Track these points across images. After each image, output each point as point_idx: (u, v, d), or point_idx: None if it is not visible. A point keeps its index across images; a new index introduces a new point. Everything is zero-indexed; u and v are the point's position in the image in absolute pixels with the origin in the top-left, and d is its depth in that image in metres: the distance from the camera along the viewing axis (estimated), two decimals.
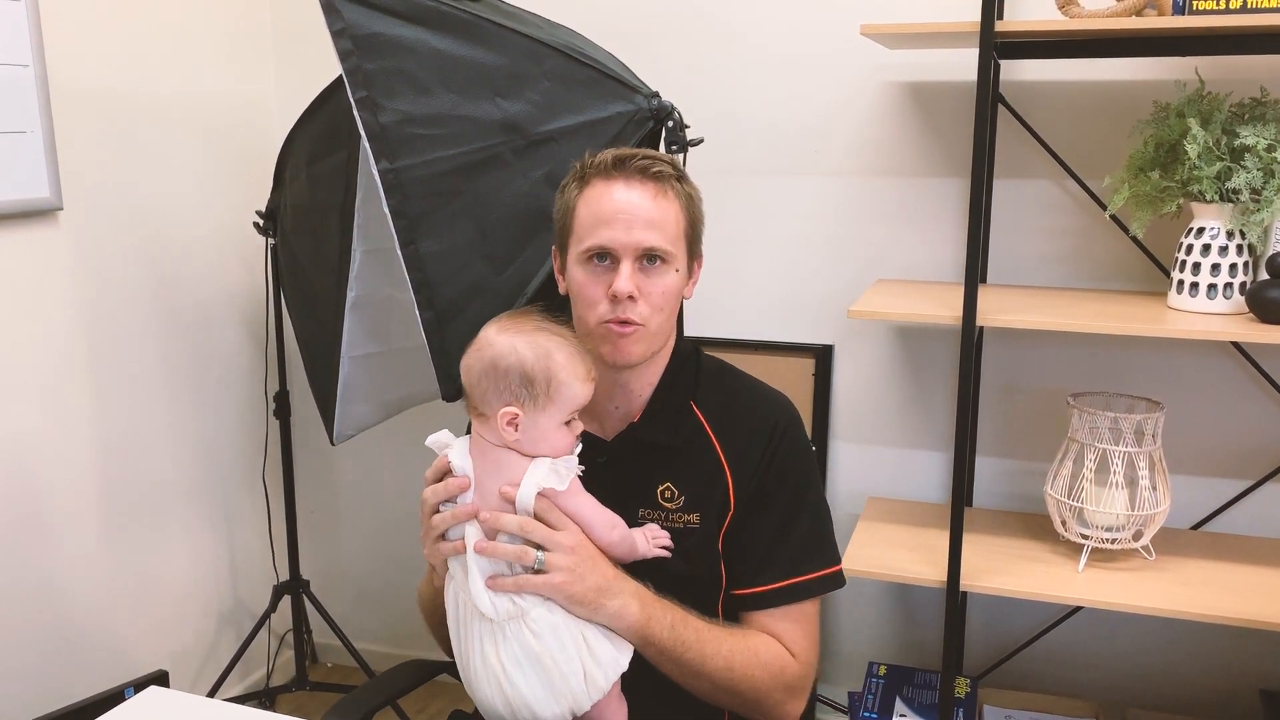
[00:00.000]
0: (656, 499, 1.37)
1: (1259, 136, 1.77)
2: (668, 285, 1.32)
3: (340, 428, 2.18)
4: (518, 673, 1.21)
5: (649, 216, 1.29)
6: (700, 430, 1.39)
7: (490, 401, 1.24)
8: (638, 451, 1.38)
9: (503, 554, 1.22)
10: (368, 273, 2.02)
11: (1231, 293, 1.83)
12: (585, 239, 1.31)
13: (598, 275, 1.31)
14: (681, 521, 1.36)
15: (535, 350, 1.23)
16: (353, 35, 1.59)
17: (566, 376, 1.23)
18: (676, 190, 1.33)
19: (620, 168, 1.31)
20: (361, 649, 2.59)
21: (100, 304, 2.19)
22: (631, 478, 1.38)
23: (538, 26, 1.77)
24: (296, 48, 2.62)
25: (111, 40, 2.18)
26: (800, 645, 1.38)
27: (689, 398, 1.41)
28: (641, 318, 1.30)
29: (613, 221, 1.29)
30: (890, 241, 2.26)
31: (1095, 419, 1.92)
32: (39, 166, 2.00)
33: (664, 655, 1.29)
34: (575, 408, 1.26)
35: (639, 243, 1.29)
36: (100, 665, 2.25)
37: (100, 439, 2.22)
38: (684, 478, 1.37)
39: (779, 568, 1.37)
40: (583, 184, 1.33)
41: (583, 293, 1.32)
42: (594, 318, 1.31)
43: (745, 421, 1.40)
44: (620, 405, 1.40)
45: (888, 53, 2.17)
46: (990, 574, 1.93)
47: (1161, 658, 2.25)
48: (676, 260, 1.32)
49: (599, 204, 1.31)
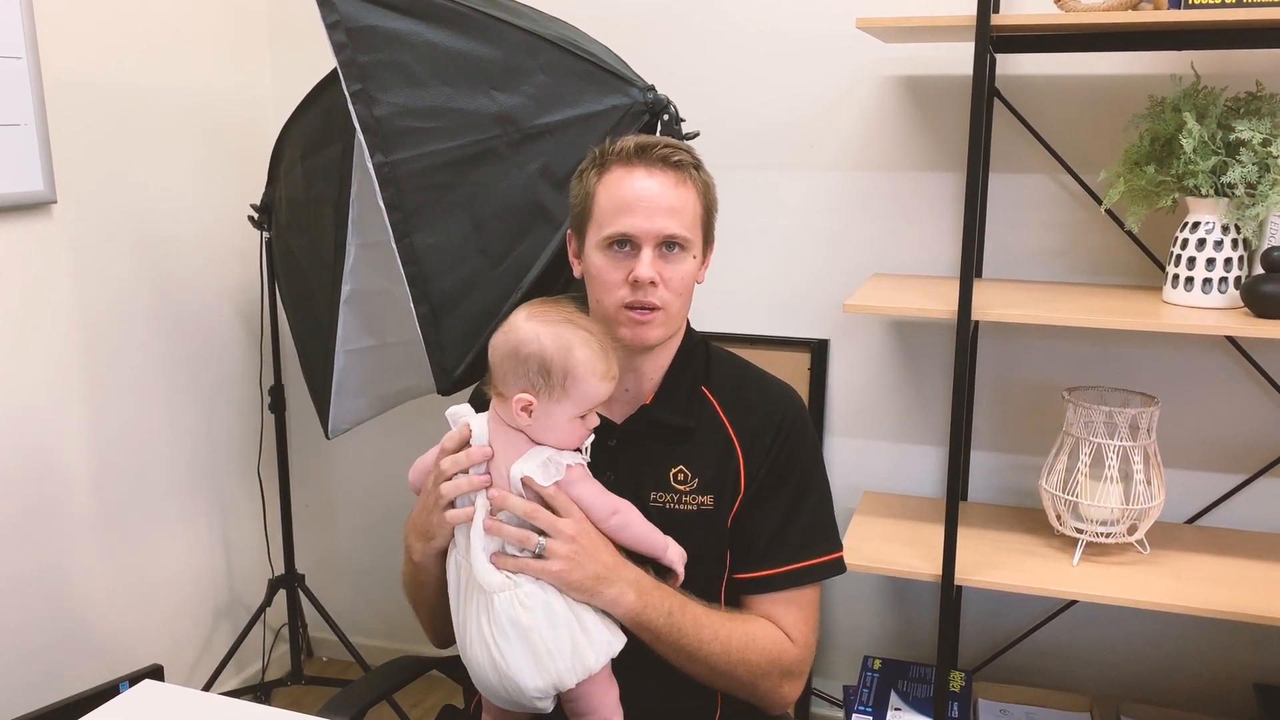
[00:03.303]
0: (669, 481, 1.38)
1: (1254, 131, 1.77)
2: (686, 271, 1.35)
3: (335, 421, 2.18)
4: (505, 643, 1.24)
5: (669, 204, 1.32)
6: (713, 413, 1.41)
7: (509, 384, 1.27)
8: (649, 434, 1.40)
9: (507, 535, 1.25)
10: (363, 266, 2.01)
11: (1226, 287, 1.83)
12: (606, 225, 1.33)
13: (618, 261, 1.33)
14: (695, 504, 1.38)
15: (557, 342, 1.25)
16: (347, 28, 1.58)
17: (584, 372, 1.25)
18: (694, 178, 1.36)
19: (642, 155, 1.33)
20: (357, 643, 2.59)
21: (94, 297, 2.19)
22: (643, 460, 1.39)
23: (533, 19, 1.77)
24: (291, 41, 2.61)
25: (105, 32, 2.18)
26: (799, 630, 1.40)
27: (701, 383, 1.43)
28: (662, 302, 1.33)
29: (634, 209, 1.31)
30: (886, 236, 2.26)
31: (1090, 413, 1.92)
32: (32, 159, 2.00)
33: (660, 641, 1.31)
34: (590, 404, 1.28)
35: (660, 230, 1.31)
36: (95, 659, 2.25)
37: (95, 433, 2.21)
38: (697, 460, 1.39)
39: (783, 553, 1.40)
40: (603, 170, 1.35)
41: (602, 277, 1.34)
42: (613, 302, 1.33)
43: (757, 407, 1.42)
44: (631, 387, 1.41)
45: (884, 46, 2.17)
46: (985, 568, 1.93)
47: (1156, 651, 2.25)
48: (694, 247, 1.35)
49: (620, 190, 1.32)
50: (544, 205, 1.70)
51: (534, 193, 1.69)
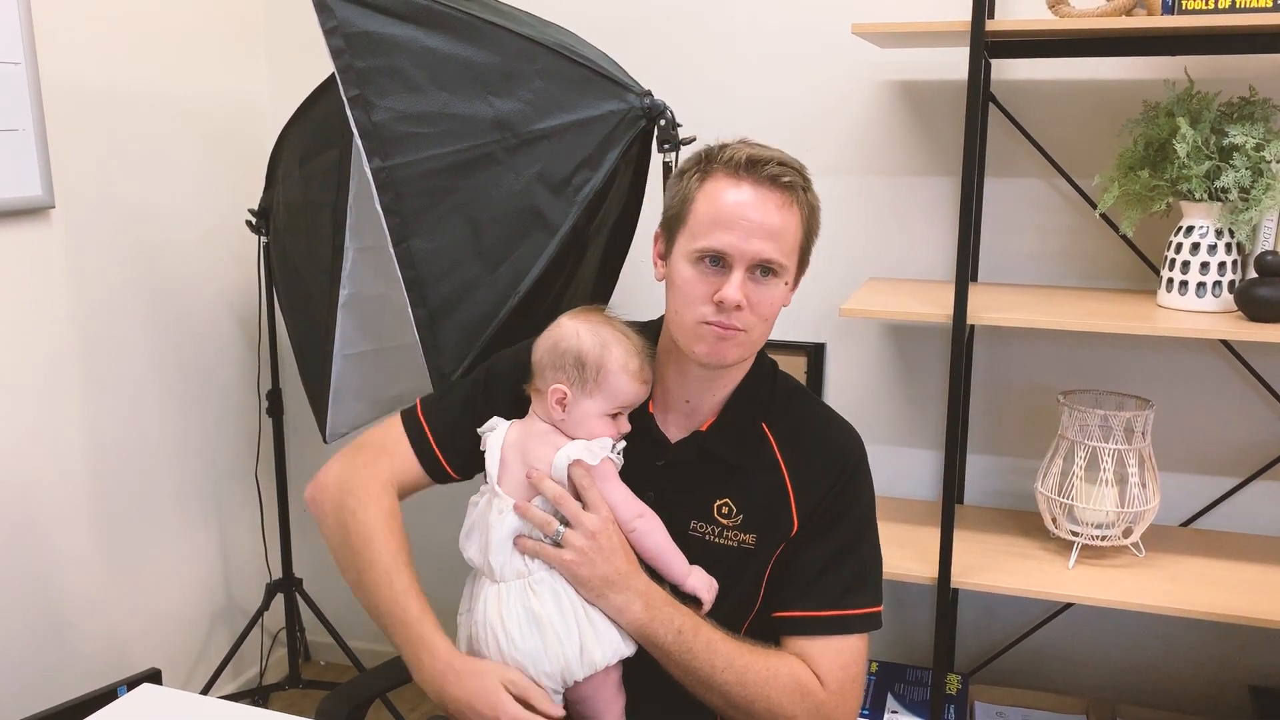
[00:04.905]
0: (713, 513, 1.34)
1: (1247, 135, 1.78)
2: (775, 297, 1.28)
3: (333, 426, 2.18)
4: (516, 629, 1.26)
5: (771, 228, 1.24)
6: (769, 452, 1.36)
7: (547, 378, 1.33)
8: (701, 461, 1.35)
9: (532, 517, 1.28)
10: (360, 271, 2.02)
11: (1220, 291, 1.84)
12: (700, 238, 1.25)
13: (706, 276, 1.25)
14: (735, 540, 1.33)
15: (595, 338, 1.31)
16: (345, 33, 1.59)
17: (616, 368, 1.30)
18: (801, 201, 1.28)
19: (751, 170, 1.25)
20: (354, 647, 2.59)
21: (92, 302, 2.19)
22: (688, 487, 1.35)
23: (530, 25, 1.77)
24: (289, 45, 2.61)
25: (103, 38, 2.18)
26: (834, 676, 1.31)
27: (761, 419, 1.37)
28: (745, 326, 1.26)
29: (733, 226, 1.23)
30: (881, 240, 2.27)
31: (1085, 416, 1.93)
32: (31, 164, 2.00)
33: (669, 659, 1.27)
34: (622, 403, 1.32)
35: (756, 253, 1.24)
36: (93, 663, 2.25)
37: (92, 437, 2.22)
38: (745, 497, 1.34)
39: (825, 597, 1.33)
40: (705, 175, 1.27)
41: (687, 289, 1.27)
42: (694, 316, 1.26)
43: (817, 451, 1.37)
44: (691, 400, 1.36)
45: (879, 52, 2.18)
46: (981, 571, 1.93)
47: (1151, 654, 2.26)
48: (787, 273, 1.28)
49: (720, 203, 1.25)
50: (541, 210, 1.70)
51: (531, 198, 1.69)
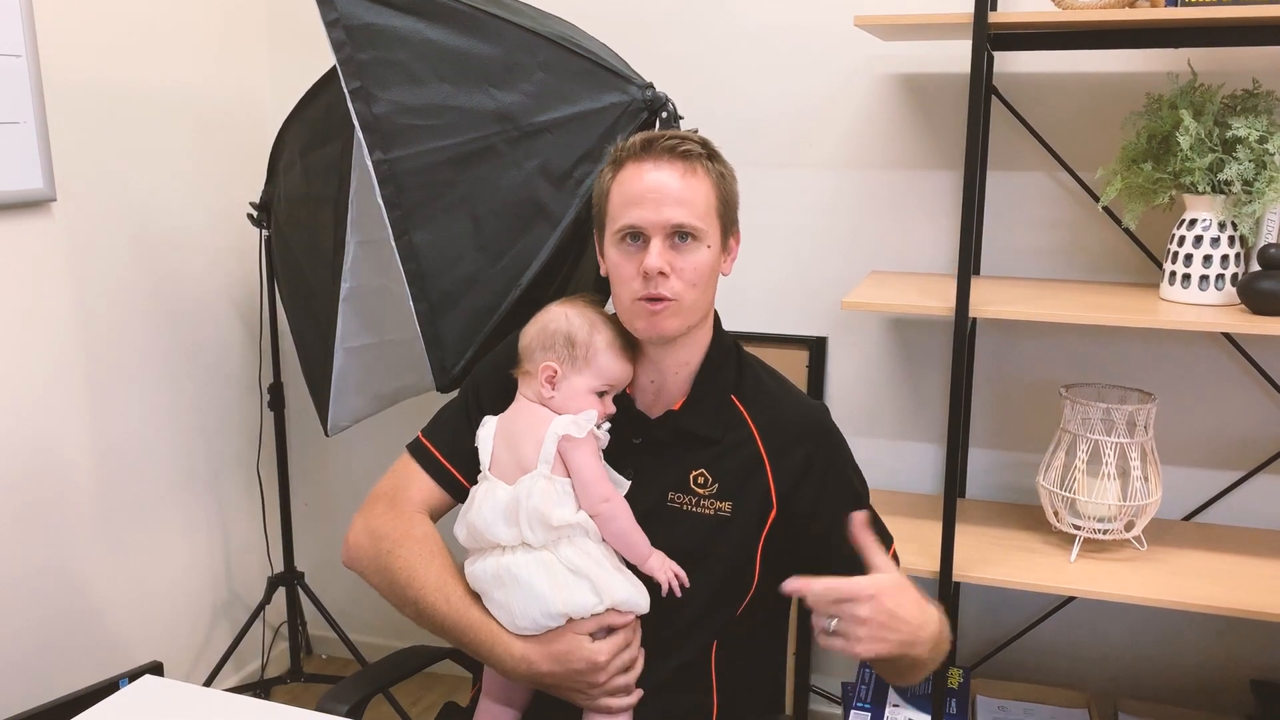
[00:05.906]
0: (689, 483, 1.39)
1: (1251, 128, 1.78)
2: (699, 262, 1.33)
3: (334, 419, 2.18)
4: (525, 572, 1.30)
5: (678, 194, 1.32)
6: (742, 423, 1.41)
7: (536, 359, 1.38)
8: (676, 437, 1.40)
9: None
10: (362, 264, 2.02)
11: (1223, 284, 1.84)
12: (617, 220, 1.34)
13: (630, 254, 1.33)
14: (712, 508, 1.38)
15: (584, 319, 1.38)
16: (346, 26, 1.59)
17: (604, 345, 1.36)
18: (707, 168, 1.35)
19: (649, 149, 1.34)
20: (356, 640, 2.59)
21: (94, 295, 2.19)
22: (665, 462, 1.40)
23: (531, 17, 1.77)
24: (290, 39, 2.61)
25: (104, 31, 2.18)
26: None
27: (731, 391, 1.42)
28: (674, 293, 1.32)
29: (642, 201, 1.32)
30: (884, 233, 2.26)
31: (1087, 410, 1.93)
32: (32, 157, 2.00)
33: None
34: (609, 379, 1.37)
35: (667, 220, 1.31)
36: (95, 655, 2.25)
37: (94, 430, 2.22)
38: (720, 466, 1.39)
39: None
40: (616, 168, 1.36)
41: (617, 271, 1.35)
42: (628, 295, 1.34)
43: (789, 420, 1.42)
44: (655, 380, 1.41)
45: (881, 44, 2.18)
46: (983, 565, 1.93)
47: (1153, 648, 2.26)
48: (708, 236, 1.34)
49: (630, 185, 1.33)
50: (542, 202, 1.70)
51: (532, 190, 1.69)
